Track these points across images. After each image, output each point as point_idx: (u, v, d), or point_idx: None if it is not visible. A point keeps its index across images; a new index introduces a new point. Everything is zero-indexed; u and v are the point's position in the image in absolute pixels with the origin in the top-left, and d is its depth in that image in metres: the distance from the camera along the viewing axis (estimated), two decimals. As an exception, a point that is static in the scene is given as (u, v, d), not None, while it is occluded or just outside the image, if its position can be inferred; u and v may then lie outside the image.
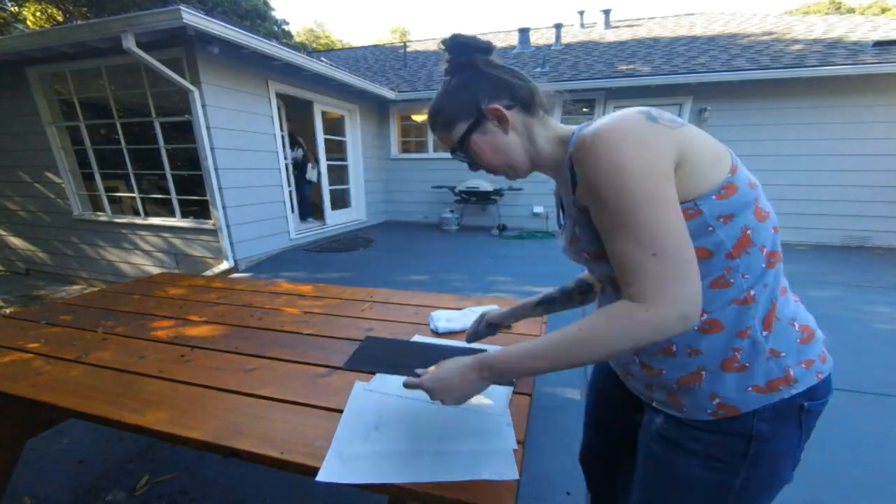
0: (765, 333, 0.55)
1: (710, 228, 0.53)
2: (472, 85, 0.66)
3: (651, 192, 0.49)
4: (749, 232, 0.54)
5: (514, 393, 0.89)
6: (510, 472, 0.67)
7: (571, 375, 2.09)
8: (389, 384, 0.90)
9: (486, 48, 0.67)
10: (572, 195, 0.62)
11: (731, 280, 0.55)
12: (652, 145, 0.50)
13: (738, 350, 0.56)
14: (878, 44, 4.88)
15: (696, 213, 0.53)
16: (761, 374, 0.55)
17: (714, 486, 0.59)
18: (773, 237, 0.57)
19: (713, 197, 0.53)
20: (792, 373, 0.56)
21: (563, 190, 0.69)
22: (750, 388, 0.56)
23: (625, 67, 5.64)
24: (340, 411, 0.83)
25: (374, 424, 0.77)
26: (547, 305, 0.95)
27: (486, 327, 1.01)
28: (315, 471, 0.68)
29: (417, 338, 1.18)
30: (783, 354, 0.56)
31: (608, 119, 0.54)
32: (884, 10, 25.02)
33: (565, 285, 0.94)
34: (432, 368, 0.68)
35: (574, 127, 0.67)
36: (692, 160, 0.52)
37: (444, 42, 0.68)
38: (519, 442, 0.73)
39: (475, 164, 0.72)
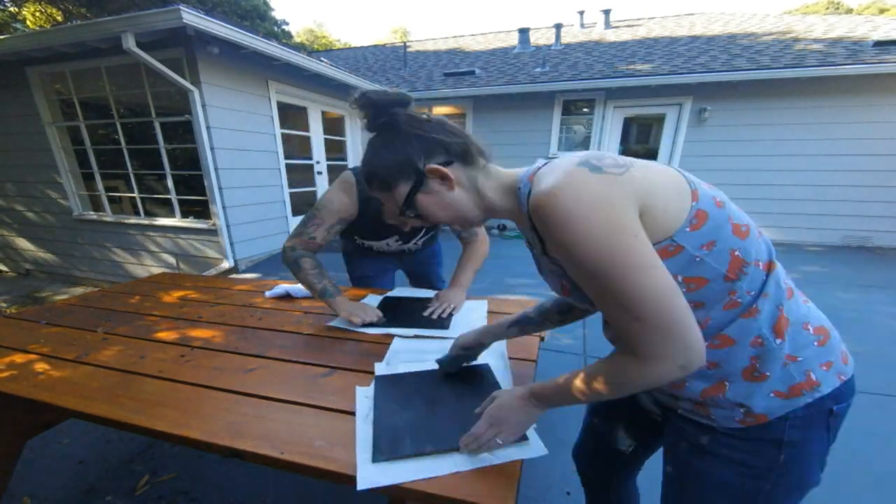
0: (778, 341, 0.55)
1: (698, 258, 0.52)
2: (402, 145, 0.65)
3: (617, 258, 0.48)
4: (737, 253, 0.53)
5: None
6: (537, 449, 0.69)
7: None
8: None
9: (403, 101, 0.67)
10: (542, 251, 0.62)
11: (740, 300, 0.54)
12: (606, 203, 0.48)
13: (754, 359, 0.56)
14: (878, 44, 4.88)
15: (676, 248, 0.52)
16: (782, 381, 0.55)
17: (745, 493, 0.59)
18: (763, 246, 0.56)
19: (687, 229, 0.52)
20: (814, 376, 0.55)
21: (530, 240, 0.67)
22: (772, 395, 0.56)
23: (625, 67, 5.64)
24: (340, 411, 0.83)
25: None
26: (522, 326, 0.92)
27: (461, 350, 0.94)
28: (315, 471, 0.68)
29: (430, 346, 1.10)
30: (800, 359, 0.56)
31: (554, 177, 0.52)
32: (882, 11, 25.02)
33: (543, 305, 0.91)
34: (488, 405, 0.71)
35: (517, 172, 0.66)
36: (653, 201, 0.51)
37: (355, 102, 0.67)
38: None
39: (426, 221, 0.70)
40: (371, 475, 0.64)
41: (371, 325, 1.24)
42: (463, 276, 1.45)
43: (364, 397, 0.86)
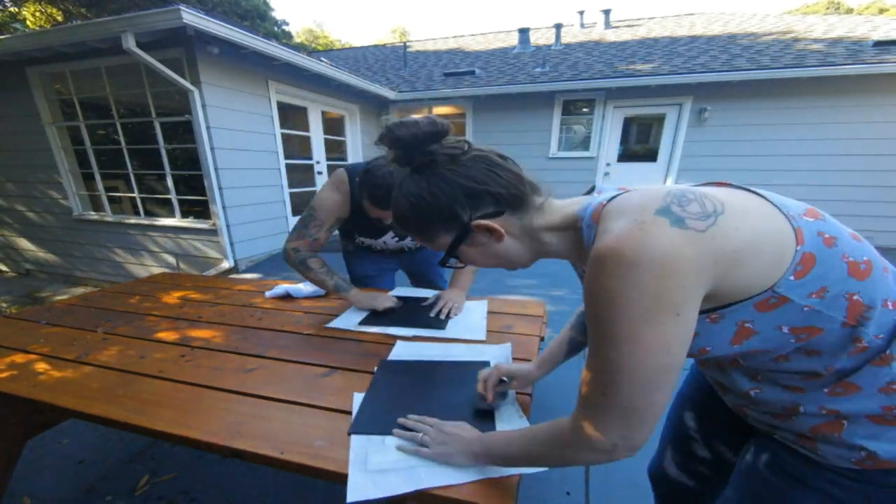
0: None
1: (807, 309, 0.45)
2: (441, 191, 0.56)
3: (643, 333, 0.43)
4: (857, 297, 0.45)
5: (516, 393, 0.89)
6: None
7: (572, 375, 2.09)
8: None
9: (439, 133, 0.58)
10: None
11: (867, 345, 0.46)
12: (673, 269, 0.42)
13: (887, 408, 0.48)
14: (878, 44, 4.88)
15: (780, 300, 0.45)
16: None
17: None
18: (893, 281, 0.48)
19: (791, 278, 0.44)
20: None
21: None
22: None
23: (625, 67, 5.64)
24: (341, 411, 0.83)
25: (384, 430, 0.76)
26: (576, 348, 0.90)
27: (504, 380, 0.87)
28: (315, 471, 0.68)
29: (431, 351, 1.09)
30: None
31: (626, 225, 0.45)
32: (882, 11, 25.03)
33: (581, 321, 0.88)
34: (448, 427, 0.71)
35: (577, 208, 0.57)
36: (746, 259, 0.44)
37: (381, 140, 0.60)
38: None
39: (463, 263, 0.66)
40: (361, 487, 0.63)
41: (375, 322, 1.26)
42: (463, 278, 1.46)
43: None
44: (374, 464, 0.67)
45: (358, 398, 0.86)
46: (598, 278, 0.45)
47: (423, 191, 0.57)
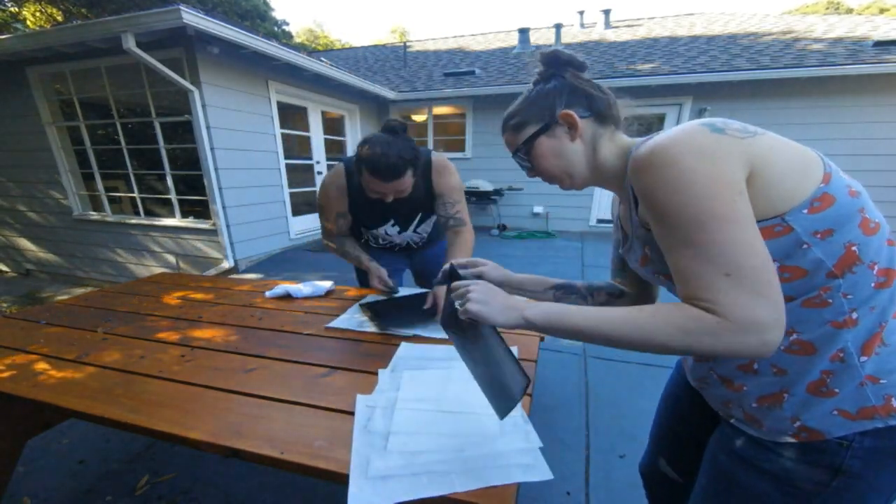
0: (862, 359, 0.49)
1: (806, 246, 0.48)
2: (552, 92, 0.67)
3: (718, 210, 0.45)
4: (855, 248, 0.47)
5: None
6: (543, 472, 0.66)
7: (571, 375, 2.09)
8: (390, 397, 0.87)
9: (581, 65, 0.68)
10: (636, 213, 0.61)
11: (830, 300, 0.49)
12: (717, 158, 0.46)
13: (827, 374, 0.51)
14: (878, 44, 4.88)
15: (784, 229, 0.48)
16: (852, 401, 0.50)
17: None
18: (886, 252, 0.50)
19: (804, 211, 0.47)
20: (895, 402, 0.49)
21: (625, 206, 0.68)
22: (835, 412, 0.50)
23: (625, 67, 5.64)
24: (341, 411, 0.83)
25: (383, 435, 0.74)
26: (563, 292, 0.87)
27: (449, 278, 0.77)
28: (315, 471, 0.68)
29: (436, 353, 1.07)
30: (883, 381, 0.49)
31: (667, 133, 0.51)
32: (882, 11, 25.03)
33: (593, 283, 0.88)
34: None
35: (638, 139, 0.65)
36: (769, 172, 0.47)
37: (541, 54, 0.69)
38: (519, 442, 0.73)
39: (534, 170, 0.72)
40: (363, 494, 0.61)
41: (377, 320, 1.28)
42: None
43: (365, 406, 0.83)
44: (376, 469, 0.66)
45: (361, 400, 0.85)
46: (657, 176, 0.49)
47: (540, 91, 0.69)
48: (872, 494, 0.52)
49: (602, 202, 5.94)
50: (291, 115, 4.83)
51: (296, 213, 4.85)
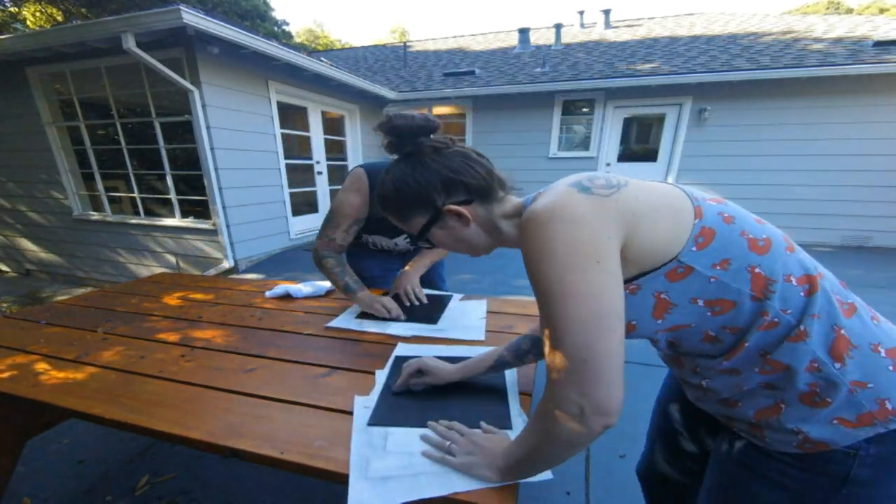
0: (837, 366, 0.49)
1: (713, 280, 0.50)
2: (422, 177, 0.64)
3: (570, 280, 0.47)
4: (759, 270, 0.49)
5: (519, 393, 0.89)
6: (543, 474, 0.65)
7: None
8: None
9: (429, 127, 0.66)
10: None
11: (777, 320, 0.50)
12: (585, 221, 0.48)
13: (813, 385, 0.50)
14: (878, 44, 4.88)
15: (686, 269, 0.50)
16: (848, 408, 0.49)
17: None
18: (793, 260, 0.51)
19: (693, 249, 0.50)
20: (889, 405, 0.48)
21: None
22: (835, 421, 0.50)
23: (625, 67, 5.64)
24: (341, 411, 0.82)
25: (382, 435, 0.74)
26: (500, 368, 0.89)
27: (417, 375, 0.87)
28: (315, 471, 0.68)
29: (434, 352, 1.06)
30: (871, 385, 0.49)
31: (544, 198, 0.53)
32: (882, 11, 25.02)
33: (519, 346, 0.87)
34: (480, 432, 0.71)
35: (527, 199, 0.66)
36: (645, 221, 0.50)
37: (380, 127, 0.67)
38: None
39: (431, 245, 0.73)
40: (362, 495, 0.61)
41: (372, 319, 1.29)
42: (418, 262, 1.50)
43: (363, 407, 0.83)
44: (376, 470, 0.65)
45: (359, 402, 0.85)
46: (525, 242, 0.52)
47: (408, 176, 0.65)
48: (887, 502, 0.51)
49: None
50: (291, 115, 4.83)
51: (296, 213, 4.85)
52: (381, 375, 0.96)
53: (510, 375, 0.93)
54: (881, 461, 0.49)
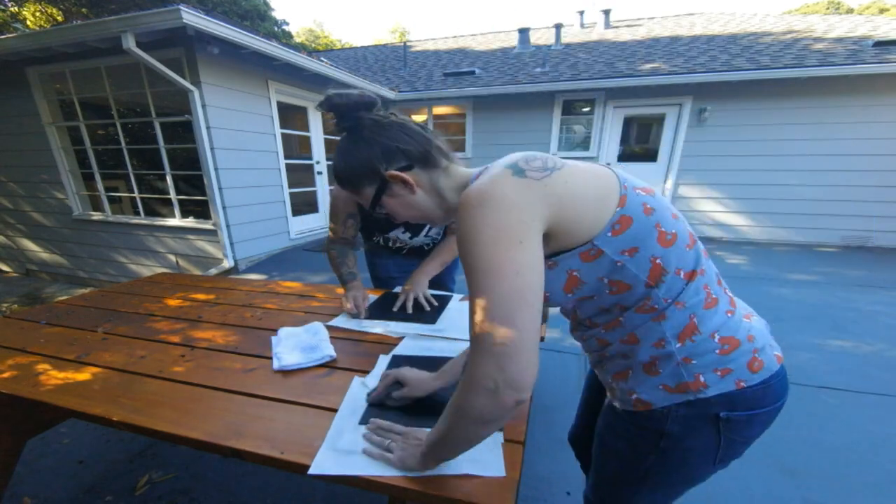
0: (678, 345, 0.59)
1: (619, 264, 0.55)
2: (364, 149, 0.67)
3: (494, 260, 0.49)
4: (659, 261, 0.55)
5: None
6: (496, 468, 0.66)
7: (571, 376, 2.09)
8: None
9: (368, 103, 0.68)
10: None
11: (655, 305, 0.57)
12: (512, 204, 0.50)
13: (655, 358, 0.60)
14: (878, 44, 4.88)
15: (597, 252, 0.54)
16: (671, 377, 0.60)
17: (631, 464, 0.68)
18: (690, 256, 0.58)
19: (608, 234, 0.54)
20: (702, 378, 0.58)
21: None
22: (660, 387, 0.61)
23: (625, 67, 5.64)
24: (340, 411, 0.83)
25: (361, 416, 0.80)
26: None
27: (396, 387, 0.84)
28: (315, 471, 0.68)
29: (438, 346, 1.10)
30: (694, 362, 0.59)
31: (481, 179, 0.55)
32: (882, 11, 25.02)
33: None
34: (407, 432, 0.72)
35: (473, 172, 0.69)
36: (571, 205, 0.53)
37: (321, 106, 0.69)
38: (519, 442, 0.73)
39: (395, 219, 0.75)
40: (325, 462, 0.67)
41: (372, 319, 1.30)
42: (428, 266, 1.49)
43: (360, 384, 0.90)
44: (345, 443, 0.71)
45: (357, 381, 0.92)
46: (458, 221, 0.54)
47: (352, 149, 0.69)
48: (693, 454, 0.63)
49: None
50: (291, 115, 4.83)
51: (296, 212, 4.85)
52: (383, 360, 1.02)
53: None
54: (686, 420, 0.60)
